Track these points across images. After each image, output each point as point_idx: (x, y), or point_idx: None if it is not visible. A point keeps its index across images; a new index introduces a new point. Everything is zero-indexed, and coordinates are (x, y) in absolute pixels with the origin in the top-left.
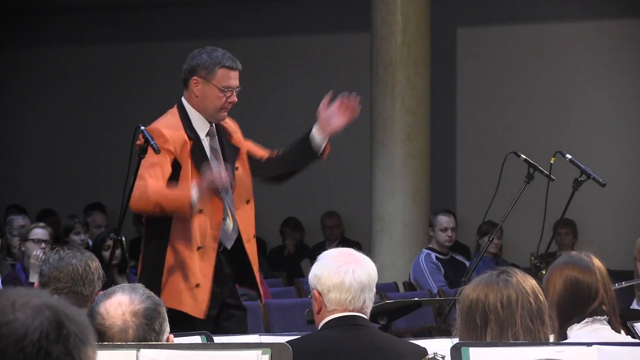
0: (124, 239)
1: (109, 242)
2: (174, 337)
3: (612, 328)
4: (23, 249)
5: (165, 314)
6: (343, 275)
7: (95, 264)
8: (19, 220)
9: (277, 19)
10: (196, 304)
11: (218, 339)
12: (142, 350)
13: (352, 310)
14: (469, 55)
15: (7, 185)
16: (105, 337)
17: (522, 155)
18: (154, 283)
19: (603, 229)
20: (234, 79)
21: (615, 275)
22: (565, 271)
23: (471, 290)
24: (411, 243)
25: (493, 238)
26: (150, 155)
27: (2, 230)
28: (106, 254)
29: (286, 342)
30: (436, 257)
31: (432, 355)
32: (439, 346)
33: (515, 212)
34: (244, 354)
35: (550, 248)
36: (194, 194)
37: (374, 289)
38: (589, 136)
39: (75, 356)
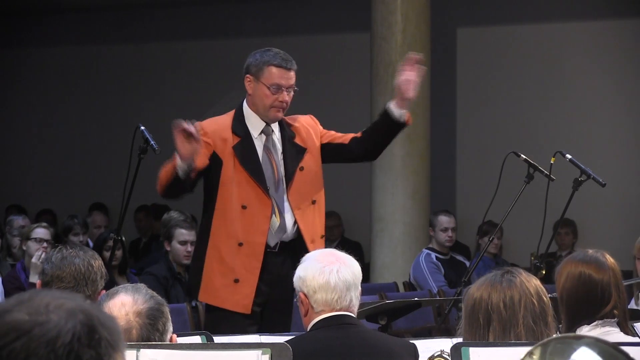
0: (124, 239)
1: (110, 243)
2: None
3: (621, 330)
4: (24, 248)
5: (169, 313)
6: (328, 276)
7: (97, 262)
8: (19, 221)
9: (277, 19)
10: (237, 298)
11: (218, 339)
12: (142, 350)
13: (340, 310)
14: (469, 55)
15: (7, 185)
16: None
17: (522, 155)
18: (194, 280)
19: (603, 229)
20: (285, 78)
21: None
22: (580, 267)
23: (475, 289)
24: (411, 243)
25: (493, 238)
26: None
27: (2, 230)
28: (107, 254)
29: (285, 342)
30: (436, 257)
31: (439, 353)
32: (438, 346)
33: (515, 212)
34: (244, 354)
35: (550, 248)
36: (178, 159)
37: (360, 288)
38: (589, 136)
39: None
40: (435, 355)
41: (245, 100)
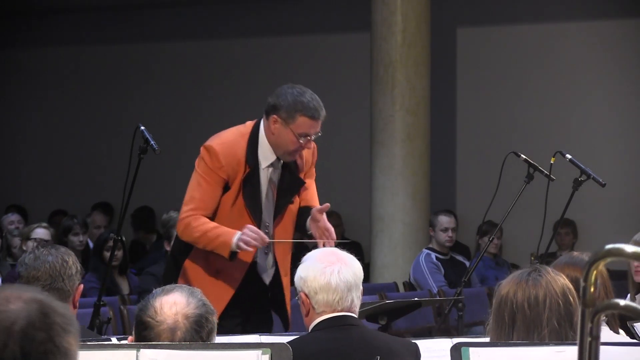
0: (124, 239)
1: (111, 243)
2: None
3: (611, 329)
4: (24, 248)
5: (216, 324)
6: (329, 276)
7: (71, 258)
8: (9, 217)
9: (277, 19)
10: None
11: (218, 339)
12: (142, 350)
13: (341, 311)
14: (469, 55)
15: (7, 185)
16: (153, 332)
17: (522, 155)
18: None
19: (603, 229)
20: (313, 127)
21: (615, 275)
22: (566, 271)
23: (504, 284)
24: (411, 243)
25: (493, 238)
26: (202, 173)
27: (2, 230)
28: (107, 254)
29: (287, 342)
30: (436, 257)
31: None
32: (438, 346)
33: (515, 212)
34: (244, 354)
35: (550, 248)
36: (234, 243)
37: (361, 288)
38: (589, 136)
39: (57, 343)
40: None
41: (263, 128)
